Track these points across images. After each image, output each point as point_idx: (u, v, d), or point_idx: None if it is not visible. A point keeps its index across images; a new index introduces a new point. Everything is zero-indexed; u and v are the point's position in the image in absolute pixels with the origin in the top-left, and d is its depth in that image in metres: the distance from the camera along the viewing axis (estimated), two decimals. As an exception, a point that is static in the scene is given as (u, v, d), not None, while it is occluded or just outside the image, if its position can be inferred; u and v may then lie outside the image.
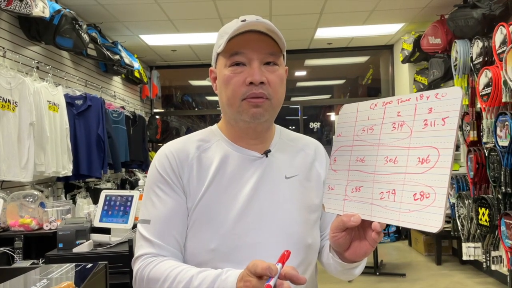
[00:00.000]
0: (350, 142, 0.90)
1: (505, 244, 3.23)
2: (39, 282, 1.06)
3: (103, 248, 2.29)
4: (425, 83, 5.02)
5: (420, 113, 0.78)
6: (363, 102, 0.91)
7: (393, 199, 0.77)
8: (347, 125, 0.92)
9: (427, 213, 0.71)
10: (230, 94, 0.95)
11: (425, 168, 0.74)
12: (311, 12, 4.74)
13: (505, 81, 3.23)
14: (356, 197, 0.85)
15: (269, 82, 0.94)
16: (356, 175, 0.86)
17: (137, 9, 4.44)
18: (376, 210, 0.80)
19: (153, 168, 1.00)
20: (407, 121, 0.79)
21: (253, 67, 0.93)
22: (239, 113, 0.95)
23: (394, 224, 0.76)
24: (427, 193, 0.72)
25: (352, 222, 0.81)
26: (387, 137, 0.82)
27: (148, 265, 0.91)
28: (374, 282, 4.20)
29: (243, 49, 0.93)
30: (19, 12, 2.96)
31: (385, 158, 0.81)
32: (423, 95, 0.79)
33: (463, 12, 3.90)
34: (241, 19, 0.94)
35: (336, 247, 0.90)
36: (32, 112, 3.10)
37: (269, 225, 0.95)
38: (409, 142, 0.78)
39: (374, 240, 0.82)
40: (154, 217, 0.95)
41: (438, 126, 0.74)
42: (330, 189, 0.92)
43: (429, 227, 0.70)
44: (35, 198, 2.86)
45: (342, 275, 0.99)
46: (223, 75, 0.96)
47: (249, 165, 0.99)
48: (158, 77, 6.88)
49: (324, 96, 9.86)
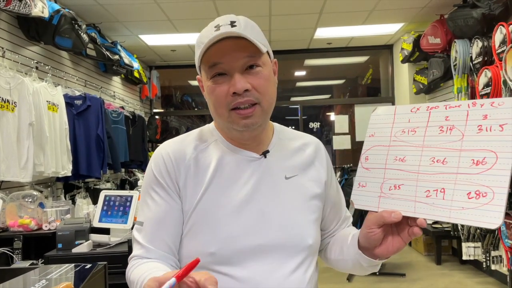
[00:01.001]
0: (387, 143, 0.93)
1: (505, 243, 3.23)
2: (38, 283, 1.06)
3: (103, 249, 2.29)
4: (425, 83, 5.02)
5: (473, 119, 0.81)
6: (401, 106, 0.95)
7: (442, 197, 0.81)
8: (382, 126, 0.95)
9: (483, 211, 0.75)
10: (216, 105, 0.94)
11: (480, 169, 0.77)
12: (311, 12, 4.74)
13: (504, 80, 3.23)
14: (395, 194, 0.88)
15: (254, 87, 0.91)
16: (395, 173, 0.89)
17: (137, 9, 4.43)
18: (420, 207, 0.83)
19: (150, 169, 1.00)
20: (457, 125, 0.83)
21: (234, 77, 0.90)
22: (229, 123, 0.94)
23: (443, 221, 0.80)
24: (483, 192, 0.76)
25: (393, 218, 0.84)
26: (433, 139, 0.86)
27: (131, 267, 0.94)
28: (374, 282, 4.19)
29: (220, 59, 0.90)
30: (18, 12, 2.96)
31: (431, 158, 0.84)
32: (476, 103, 0.82)
33: (463, 12, 3.90)
34: (214, 25, 0.92)
35: (369, 243, 0.91)
36: (31, 112, 3.09)
37: (269, 226, 0.94)
38: (461, 144, 0.81)
39: (410, 237, 0.85)
40: (147, 219, 0.96)
41: (494, 132, 0.78)
42: (361, 186, 0.95)
43: (486, 224, 0.74)
44: (34, 199, 2.86)
45: (361, 270, 0.99)
46: (207, 86, 0.95)
47: (247, 166, 0.98)
48: (158, 77, 6.87)
49: (323, 96, 9.86)
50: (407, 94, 5.82)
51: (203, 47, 0.90)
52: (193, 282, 0.69)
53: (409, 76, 5.69)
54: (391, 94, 6.47)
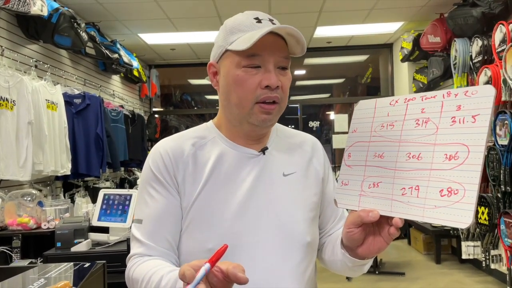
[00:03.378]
0: (367, 138, 0.90)
1: (505, 243, 3.23)
2: (37, 281, 1.06)
3: (102, 247, 2.29)
4: (425, 82, 5.01)
5: (447, 110, 0.78)
6: (382, 98, 0.91)
7: (417, 195, 0.77)
8: (364, 121, 0.92)
9: (455, 209, 0.71)
10: (242, 95, 0.93)
11: (453, 164, 0.74)
12: (311, 10, 4.73)
13: (504, 79, 3.23)
14: (374, 192, 0.85)
15: (282, 86, 0.94)
16: (374, 170, 0.86)
17: (136, 7, 4.43)
18: (396, 206, 0.80)
19: (147, 166, 0.98)
20: (432, 118, 0.79)
21: (269, 70, 0.92)
22: (248, 116, 0.94)
23: (417, 220, 0.76)
24: (455, 189, 0.72)
25: (370, 217, 0.81)
26: (409, 134, 0.82)
27: (133, 266, 0.92)
28: (374, 281, 4.19)
29: (261, 51, 0.91)
30: (17, 10, 2.95)
31: (407, 154, 0.81)
32: (450, 93, 0.78)
33: (463, 11, 3.89)
34: (253, 17, 0.94)
35: (350, 243, 0.89)
36: (30, 111, 3.09)
37: (267, 223, 0.94)
38: (435, 138, 0.78)
39: (390, 236, 0.82)
40: (146, 216, 0.95)
41: (467, 124, 0.74)
42: (343, 185, 0.92)
43: (457, 223, 0.71)
44: (33, 197, 2.86)
45: (350, 271, 0.98)
46: (235, 75, 0.93)
47: (246, 163, 0.98)
48: (157, 76, 6.87)
49: (323, 95, 9.86)
50: (406, 93, 5.81)
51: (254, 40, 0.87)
52: (219, 271, 0.69)
53: (408, 75, 5.69)
54: (391, 93, 6.47)
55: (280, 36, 0.93)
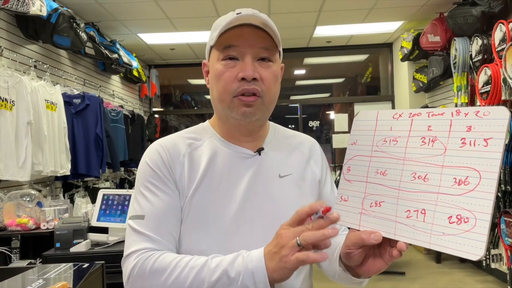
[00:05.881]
0: (368, 152, 0.86)
1: (505, 242, 3.23)
2: (36, 282, 1.05)
3: (101, 248, 2.28)
4: (425, 81, 5.01)
5: (456, 130, 0.74)
6: (384, 111, 0.87)
7: (423, 219, 0.73)
8: (364, 133, 0.88)
9: (465, 239, 0.67)
10: (221, 89, 0.92)
11: (463, 190, 0.70)
12: (310, 10, 4.73)
13: (504, 78, 3.22)
14: (375, 212, 0.81)
15: (262, 78, 0.91)
16: (376, 188, 0.82)
17: (135, 7, 4.42)
18: (401, 229, 0.76)
19: (144, 164, 0.96)
20: (440, 137, 0.75)
21: (245, 62, 0.90)
22: (229, 110, 0.93)
23: (423, 246, 0.72)
24: (465, 217, 0.68)
25: (372, 240, 0.77)
26: (415, 152, 0.78)
27: (149, 258, 0.84)
28: (373, 280, 4.19)
29: (236, 42, 0.90)
30: (16, 10, 2.95)
31: (413, 174, 0.77)
32: (460, 112, 0.74)
33: (462, 10, 3.89)
34: (236, 12, 0.92)
35: (349, 262, 0.86)
36: (29, 111, 3.08)
37: (262, 225, 0.92)
38: (443, 160, 0.74)
39: (391, 259, 0.79)
40: (149, 212, 0.90)
41: (479, 147, 0.70)
42: (343, 200, 0.88)
43: (468, 254, 0.67)
44: (32, 198, 2.85)
45: (347, 284, 0.96)
46: (215, 69, 0.93)
47: (241, 163, 0.96)
48: (157, 76, 6.86)
49: (323, 95, 9.86)
50: (406, 92, 5.81)
51: (221, 28, 0.89)
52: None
53: (408, 74, 5.68)
54: (390, 93, 6.47)
55: (261, 29, 0.91)
